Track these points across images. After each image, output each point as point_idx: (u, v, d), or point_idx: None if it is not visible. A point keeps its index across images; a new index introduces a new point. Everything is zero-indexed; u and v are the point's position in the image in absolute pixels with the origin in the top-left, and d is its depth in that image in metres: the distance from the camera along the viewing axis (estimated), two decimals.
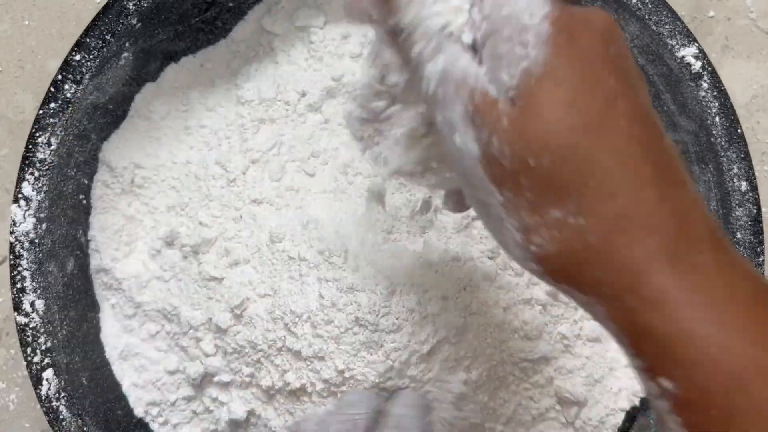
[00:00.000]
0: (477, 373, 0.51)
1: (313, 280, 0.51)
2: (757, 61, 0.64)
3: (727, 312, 0.26)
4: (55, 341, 0.53)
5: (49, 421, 0.52)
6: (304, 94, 0.57)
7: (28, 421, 0.61)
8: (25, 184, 0.52)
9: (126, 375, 0.57)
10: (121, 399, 0.57)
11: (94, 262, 0.58)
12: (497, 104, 0.27)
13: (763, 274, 0.53)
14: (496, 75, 0.28)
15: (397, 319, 0.50)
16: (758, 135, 0.64)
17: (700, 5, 0.64)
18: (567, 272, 0.28)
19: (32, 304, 0.52)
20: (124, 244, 0.58)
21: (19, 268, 0.52)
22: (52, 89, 0.52)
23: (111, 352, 0.58)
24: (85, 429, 0.53)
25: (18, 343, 0.59)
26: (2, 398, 0.61)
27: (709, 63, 0.54)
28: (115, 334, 0.58)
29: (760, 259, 0.54)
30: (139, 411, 0.57)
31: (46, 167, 0.53)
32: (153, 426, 0.57)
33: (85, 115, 0.54)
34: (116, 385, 0.57)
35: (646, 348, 0.27)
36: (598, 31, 0.28)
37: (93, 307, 0.58)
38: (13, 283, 0.52)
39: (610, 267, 0.27)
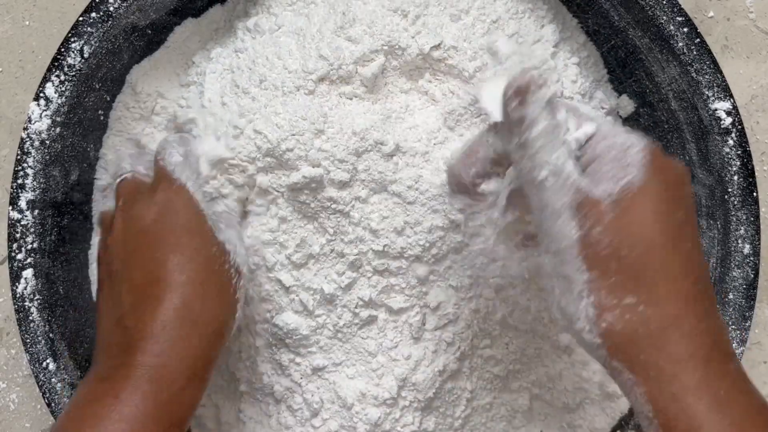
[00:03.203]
0: None
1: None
2: (757, 62, 0.64)
3: (738, 416, 0.34)
4: (42, 244, 0.53)
5: (18, 320, 0.52)
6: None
7: (28, 421, 0.61)
8: (48, 85, 0.53)
9: None
10: (93, 319, 0.57)
11: (100, 182, 0.58)
12: (600, 204, 0.36)
13: (748, 336, 0.53)
14: (599, 184, 0.37)
15: None
16: (758, 135, 0.64)
17: (700, 5, 0.64)
18: (626, 350, 0.35)
19: (28, 203, 0.53)
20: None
21: (24, 165, 0.52)
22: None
23: (95, 271, 0.58)
24: (51, 336, 0.53)
25: (18, 343, 0.61)
26: (3, 398, 0.61)
27: (740, 122, 0.54)
28: None
29: (747, 324, 0.53)
30: None
31: (73, 74, 0.53)
32: None
33: (122, 32, 0.54)
34: (91, 304, 0.57)
35: (678, 428, 0.34)
36: (679, 174, 0.38)
37: (86, 222, 0.58)
38: (15, 179, 0.52)
39: (663, 354, 0.35)
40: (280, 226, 0.53)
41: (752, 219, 0.54)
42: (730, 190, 0.54)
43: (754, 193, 0.54)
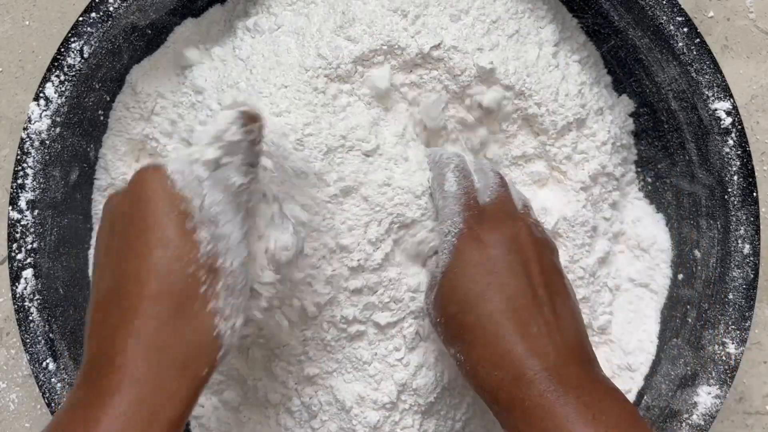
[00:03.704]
0: None
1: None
2: (757, 62, 0.64)
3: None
4: (42, 244, 0.53)
5: (18, 320, 0.52)
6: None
7: (28, 421, 0.61)
8: (48, 85, 0.53)
9: None
10: None
11: (100, 182, 0.58)
12: (431, 290, 0.48)
13: (748, 336, 0.53)
14: (433, 271, 0.49)
15: None
16: (758, 135, 0.64)
17: (700, 5, 0.64)
18: (467, 382, 0.45)
19: (28, 203, 0.53)
20: (134, 169, 0.59)
21: (24, 165, 0.52)
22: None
23: None
24: (51, 336, 0.53)
25: (18, 343, 0.61)
26: (3, 398, 0.61)
27: (740, 122, 0.54)
28: None
29: (747, 324, 0.53)
30: None
31: (73, 74, 0.53)
32: None
33: (122, 32, 0.54)
34: None
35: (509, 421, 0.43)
36: (495, 238, 0.46)
37: (87, 221, 0.58)
38: (15, 179, 0.52)
39: (481, 384, 0.44)
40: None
41: (752, 219, 0.54)
42: (730, 190, 0.54)
43: (754, 193, 0.54)
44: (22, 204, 0.53)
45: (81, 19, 0.53)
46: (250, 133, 0.42)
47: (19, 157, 0.52)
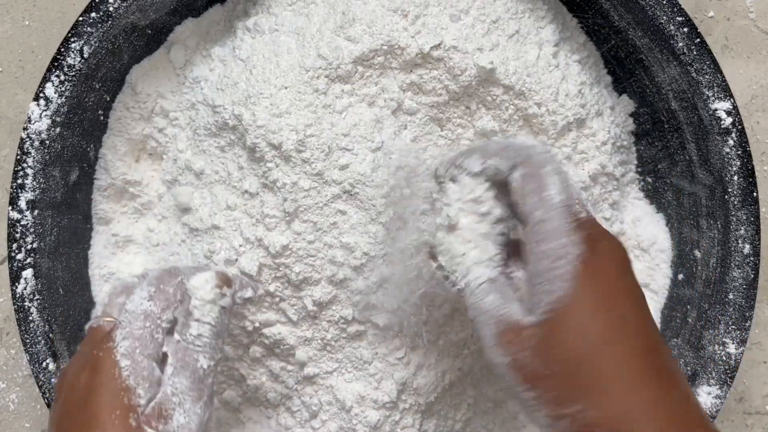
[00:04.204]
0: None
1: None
2: (757, 62, 0.64)
3: None
4: (42, 244, 0.53)
5: (18, 320, 0.52)
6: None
7: (28, 421, 0.61)
8: (48, 85, 0.53)
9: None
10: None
11: (100, 182, 0.58)
12: (522, 330, 0.37)
13: (748, 336, 0.53)
14: (532, 304, 0.38)
15: None
16: (758, 135, 0.64)
17: (700, 5, 0.64)
18: None
19: (28, 203, 0.53)
20: (134, 169, 0.59)
21: (24, 165, 0.52)
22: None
23: (95, 271, 0.58)
24: (51, 336, 0.53)
25: (18, 343, 0.61)
26: (2, 398, 0.61)
27: (740, 122, 0.54)
28: (104, 255, 0.59)
29: (747, 324, 0.53)
30: None
31: (73, 74, 0.53)
32: None
33: (122, 32, 0.54)
34: (91, 304, 0.58)
35: None
36: (616, 262, 0.38)
37: (87, 221, 0.58)
38: (15, 179, 0.52)
39: None
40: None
41: (752, 219, 0.54)
42: (730, 190, 0.54)
43: (754, 193, 0.54)
44: (22, 204, 0.53)
45: (81, 19, 0.53)
46: (223, 296, 0.43)
47: (19, 157, 0.52)
